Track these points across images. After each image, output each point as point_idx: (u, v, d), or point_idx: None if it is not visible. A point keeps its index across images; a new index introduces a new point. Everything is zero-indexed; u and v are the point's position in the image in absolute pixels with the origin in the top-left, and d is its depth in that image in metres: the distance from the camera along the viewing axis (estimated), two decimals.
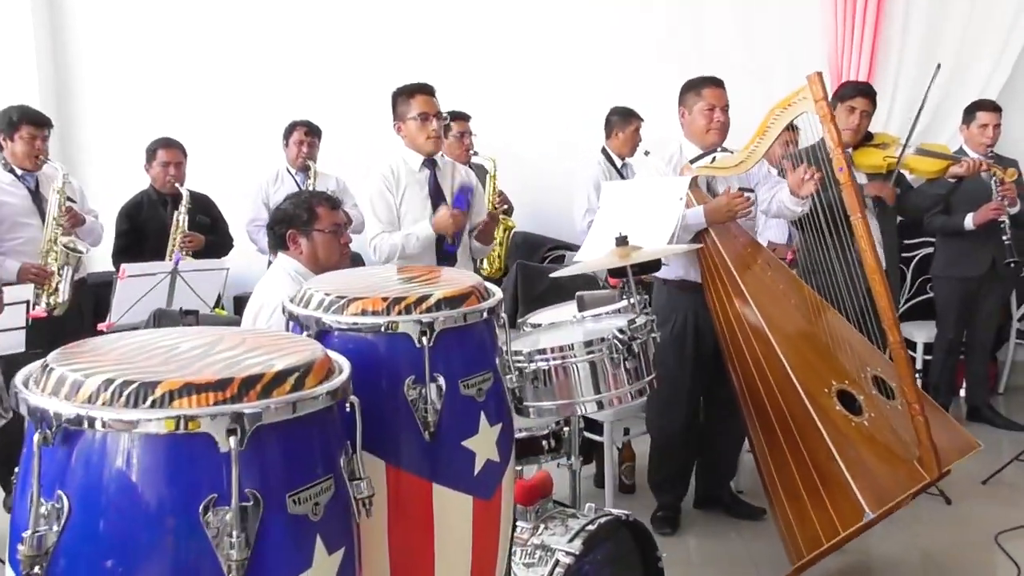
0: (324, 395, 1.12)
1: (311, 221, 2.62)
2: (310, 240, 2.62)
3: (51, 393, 1.04)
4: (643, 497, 3.63)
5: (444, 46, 5.34)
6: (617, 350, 2.24)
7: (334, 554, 1.14)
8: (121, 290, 3.41)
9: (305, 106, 5.12)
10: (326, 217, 2.63)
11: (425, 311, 1.44)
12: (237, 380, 1.05)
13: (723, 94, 3.22)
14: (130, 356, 1.13)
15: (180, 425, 1.00)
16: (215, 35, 5.60)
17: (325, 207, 2.66)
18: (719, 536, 3.36)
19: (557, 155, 5.12)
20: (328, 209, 2.66)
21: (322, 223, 2.62)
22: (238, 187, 4.96)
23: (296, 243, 2.62)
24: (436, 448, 1.44)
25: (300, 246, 2.62)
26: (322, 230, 2.61)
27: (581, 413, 2.42)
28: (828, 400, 2.61)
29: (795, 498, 2.58)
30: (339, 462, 1.19)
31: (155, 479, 1.02)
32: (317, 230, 2.61)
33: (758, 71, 5.01)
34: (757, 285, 2.92)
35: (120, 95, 5.68)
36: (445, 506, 1.47)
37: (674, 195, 2.87)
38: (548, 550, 2.01)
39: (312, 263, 2.63)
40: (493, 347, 1.58)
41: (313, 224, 2.62)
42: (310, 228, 2.61)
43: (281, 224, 2.65)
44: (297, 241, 2.62)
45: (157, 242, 4.23)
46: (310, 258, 2.63)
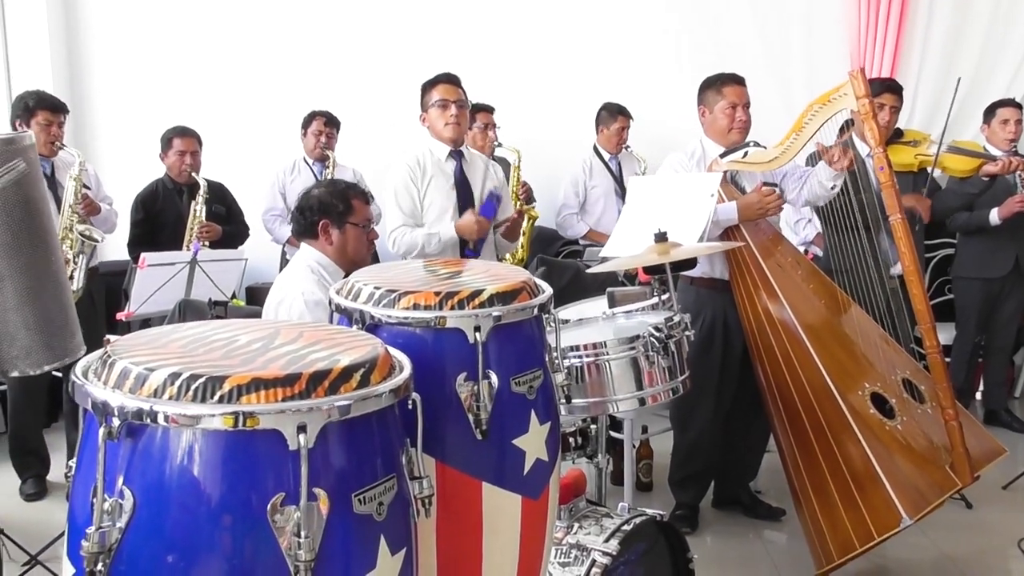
0: (388, 392, 1.09)
1: (347, 213, 2.58)
2: (343, 232, 2.58)
3: (114, 386, 1.01)
4: (661, 495, 3.61)
5: (467, 38, 5.31)
6: (653, 348, 2.22)
7: (397, 554, 1.12)
8: (140, 279, 3.38)
9: (324, 97, 5.09)
10: (360, 211, 2.60)
11: (478, 306, 1.41)
12: (305, 376, 1.02)
13: (744, 91, 3.19)
14: (191, 349, 1.10)
15: (251, 422, 0.97)
16: (232, 22, 5.56)
17: (360, 200, 2.62)
18: (738, 536, 3.34)
19: (575, 149, 5.08)
20: (363, 203, 2.63)
21: (356, 216, 2.58)
22: (253, 176, 4.94)
23: (327, 233, 2.58)
24: (487, 446, 1.41)
25: (331, 237, 2.57)
26: (356, 223, 2.58)
27: (613, 412, 2.40)
28: (862, 402, 2.58)
29: (826, 501, 2.55)
30: (401, 461, 1.16)
31: (222, 476, 0.99)
32: (351, 223, 2.58)
33: (776, 67, 4.99)
34: (787, 283, 2.88)
35: (134, 82, 5.64)
36: (494, 505, 1.44)
37: (705, 191, 2.83)
38: (584, 550, 1.99)
39: (340, 256, 2.59)
40: (543, 344, 1.55)
41: (348, 216, 2.58)
42: (344, 220, 2.57)
43: (314, 212, 2.59)
44: (329, 232, 2.57)
45: (172, 231, 4.21)
46: (339, 250, 2.59)
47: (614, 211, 4.70)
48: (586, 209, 4.88)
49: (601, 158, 4.90)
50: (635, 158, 4.96)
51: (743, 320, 3.02)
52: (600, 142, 4.92)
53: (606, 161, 4.89)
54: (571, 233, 4.87)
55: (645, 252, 2.47)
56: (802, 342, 2.77)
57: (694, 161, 3.22)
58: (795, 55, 5.11)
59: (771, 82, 4.79)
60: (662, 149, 3.97)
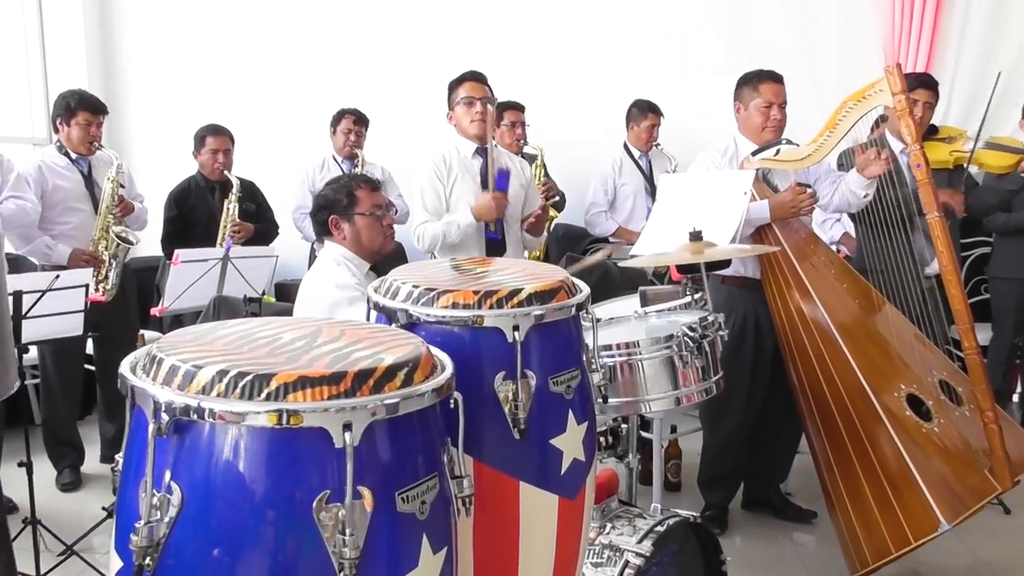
0: (431, 392, 1.10)
1: (351, 205, 2.60)
2: (352, 224, 2.60)
3: (163, 383, 1.02)
4: (689, 495, 3.59)
5: (496, 36, 5.32)
6: (687, 348, 2.21)
7: (438, 553, 1.12)
8: (174, 275, 3.42)
9: (353, 95, 5.12)
10: (366, 199, 2.61)
11: (516, 305, 1.40)
12: (350, 374, 1.03)
13: (781, 90, 3.15)
14: (236, 346, 1.11)
15: (294, 419, 0.98)
16: (263, 22, 5.61)
17: (365, 189, 2.64)
18: (767, 538, 3.31)
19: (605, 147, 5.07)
20: (368, 191, 2.64)
21: (362, 206, 2.60)
22: (284, 174, 4.98)
23: (339, 228, 2.61)
24: (525, 446, 1.41)
25: (343, 231, 2.61)
26: (363, 213, 2.59)
27: (645, 412, 2.38)
28: (898, 404, 2.55)
29: (861, 504, 2.52)
30: (442, 460, 1.16)
31: (267, 472, 1.00)
32: (358, 213, 2.60)
33: (808, 63, 4.93)
34: (820, 282, 2.86)
35: (167, 81, 5.71)
36: (531, 505, 1.43)
37: (738, 189, 2.81)
38: (617, 550, 1.98)
39: (357, 247, 2.62)
40: (580, 343, 1.55)
41: (353, 208, 2.60)
42: (351, 212, 2.60)
43: (323, 211, 2.64)
44: (339, 226, 2.61)
45: (204, 228, 4.25)
46: (354, 242, 2.61)
47: (643, 209, 4.69)
48: (615, 207, 4.87)
49: (631, 156, 4.89)
50: (665, 156, 4.93)
51: (775, 319, 2.99)
52: (630, 139, 4.90)
53: (636, 159, 4.88)
54: (599, 231, 4.86)
55: (679, 251, 2.45)
56: (835, 342, 2.74)
57: (727, 158, 3.19)
58: (827, 51, 5.05)
59: (802, 78, 4.72)
60: (692, 147, 3.96)
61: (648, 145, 4.87)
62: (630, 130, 4.88)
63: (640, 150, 4.89)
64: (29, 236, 3.65)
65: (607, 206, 4.86)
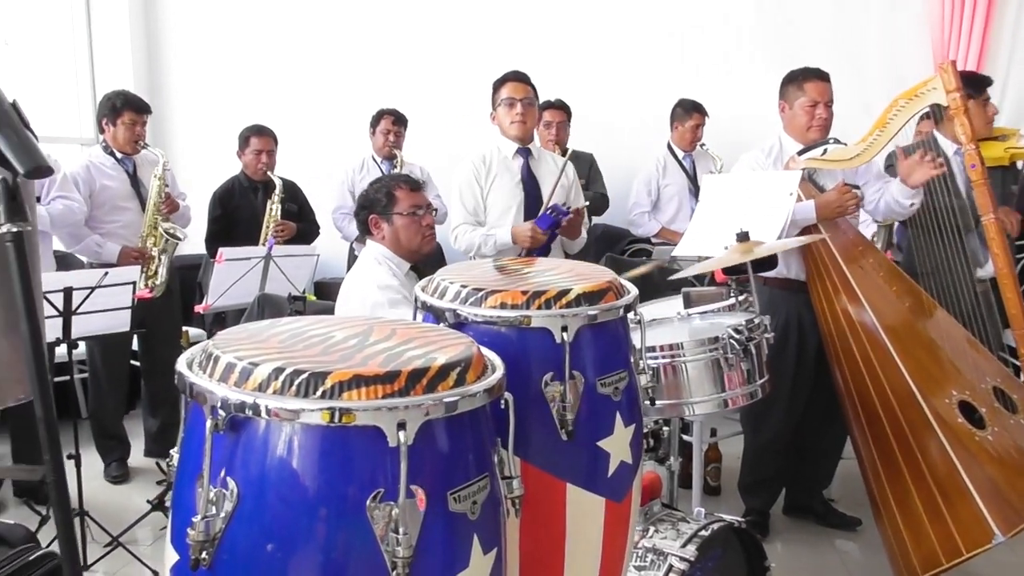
0: (482, 392, 1.09)
1: (390, 204, 2.62)
2: (391, 223, 2.62)
3: (220, 379, 1.03)
4: (729, 499, 3.55)
5: (539, 36, 5.31)
6: (733, 350, 2.18)
7: (488, 554, 1.12)
8: (218, 274, 3.46)
9: (392, 95, 5.14)
10: (405, 199, 2.63)
11: (565, 306, 1.40)
12: (404, 373, 1.03)
13: (827, 88, 3.10)
14: (290, 344, 1.12)
15: (346, 418, 0.98)
16: (304, 24, 5.66)
17: (404, 189, 2.65)
18: (810, 545, 3.26)
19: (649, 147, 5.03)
20: (407, 191, 2.65)
21: (401, 205, 2.62)
22: (324, 174, 5.02)
23: (378, 228, 2.63)
24: (572, 448, 1.40)
25: (382, 230, 2.63)
26: (401, 212, 2.61)
27: (688, 415, 2.36)
28: (949, 410, 2.49)
29: (910, 513, 2.47)
30: (493, 460, 1.16)
31: (321, 470, 1.00)
32: (396, 213, 2.62)
33: (854, 61, 4.85)
34: (868, 284, 2.80)
35: (210, 82, 5.79)
36: (578, 507, 1.43)
37: (784, 190, 2.77)
38: (661, 554, 1.96)
39: (396, 246, 2.64)
40: (628, 345, 1.53)
41: (392, 207, 2.62)
42: (390, 212, 2.62)
43: (363, 210, 2.67)
44: (379, 226, 2.63)
45: (247, 228, 4.31)
46: (393, 242, 2.63)
47: (687, 210, 4.65)
48: (658, 207, 4.83)
49: (675, 156, 4.85)
50: (709, 156, 4.88)
51: (821, 322, 2.94)
52: (674, 140, 4.86)
53: (680, 159, 4.84)
54: (642, 232, 4.83)
55: (728, 253, 2.42)
56: (884, 346, 2.69)
57: (771, 158, 3.15)
58: (874, 48, 4.96)
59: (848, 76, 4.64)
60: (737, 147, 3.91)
61: (692, 145, 4.83)
62: (674, 130, 4.84)
63: (684, 150, 4.85)
64: (79, 235, 3.72)
65: (650, 206, 4.82)
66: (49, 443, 0.99)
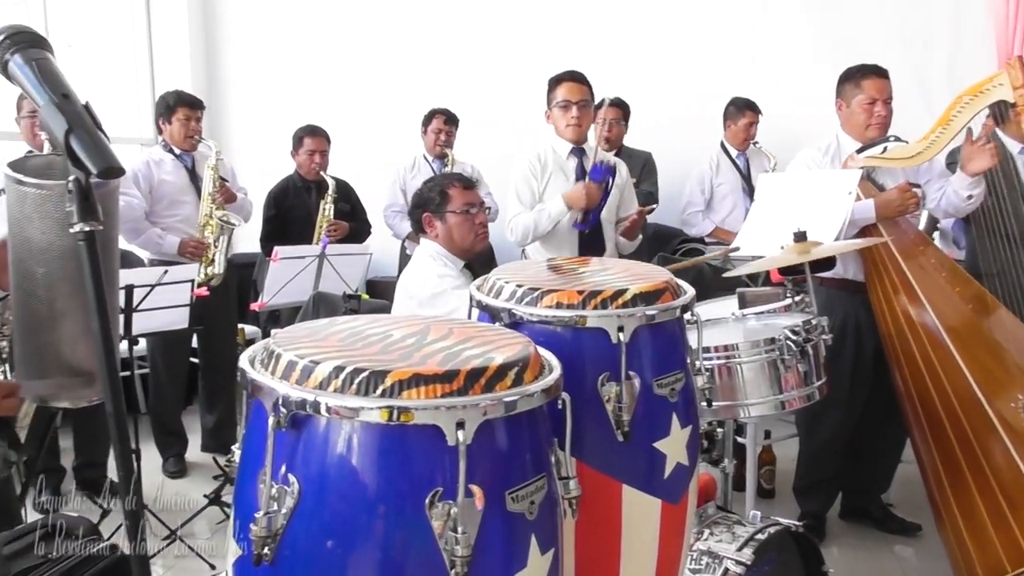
0: (540, 392, 1.09)
1: (444, 203, 2.63)
2: (444, 222, 2.63)
3: (281, 377, 1.04)
4: (784, 503, 3.49)
5: (590, 35, 5.28)
6: (790, 351, 2.15)
7: (546, 554, 1.11)
8: (273, 272, 3.52)
9: (443, 95, 5.17)
10: (458, 197, 2.63)
11: (621, 306, 1.39)
12: (463, 372, 1.03)
13: (886, 85, 3.03)
14: (349, 343, 1.13)
15: (405, 416, 0.99)
16: (356, 25, 5.73)
17: (457, 187, 2.66)
18: (868, 550, 3.19)
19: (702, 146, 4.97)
20: (461, 189, 2.66)
21: (454, 204, 2.62)
22: (376, 173, 5.07)
23: (432, 226, 2.64)
24: (628, 449, 1.39)
25: (436, 228, 2.64)
26: (455, 211, 2.61)
27: (744, 417, 2.33)
28: (1014, 414, 2.42)
29: (973, 518, 2.40)
30: (550, 460, 1.15)
31: (380, 468, 1.01)
32: (450, 211, 2.62)
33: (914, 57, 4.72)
34: (930, 285, 2.73)
35: (266, 84, 5.90)
36: (634, 509, 1.41)
37: (843, 189, 2.72)
38: (716, 557, 1.94)
39: (449, 244, 2.64)
40: (685, 346, 1.52)
41: (446, 206, 2.63)
42: (443, 210, 2.63)
43: (417, 208, 2.68)
44: (432, 224, 2.64)
45: (301, 227, 4.37)
46: (446, 240, 2.64)
47: (741, 209, 4.58)
48: (712, 207, 4.77)
49: (728, 155, 4.78)
50: (764, 154, 4.80)
51: (880, 323, 2.88)
52: (727, 138, 4.80)
53: (733, 158, 4.77)
54: (696, 231, 4.78)
55: (784, 253, 2.38)
56: (946, 347, 2.62)
57: (828, 157, 3.09)
58: (935, 43, 4.82)
59: (908, 72, 4.53)
60: (791, 145, 3.84)
61: (746, 144, 4.76)
62: (727, 128, 4.78)
63: (738, 149, 4.78)
64: (139, 229, 3.82)
65: (704, 206, 4.77)
66: (119, 440, 1.01)
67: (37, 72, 1.08)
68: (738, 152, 4.79)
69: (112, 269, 1.42)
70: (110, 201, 1.33)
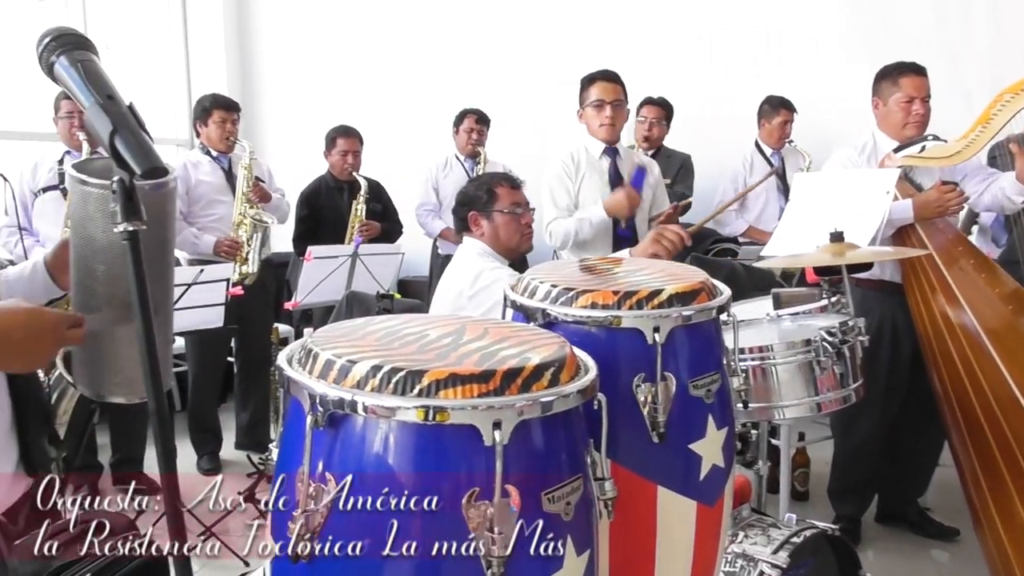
0: (576, 393, 1.09)
1: (491, 202, 2.61)
2: (491, 221, 2.61)
3: (319, 376, 1.05)
4: (818, 506, 3.46)
5: (623, 34, 5.25)
6: (826, 353, 2.12)
7: (582, 555, 1.11)
8: (307, 271, 3.55)
9: (475, 95, 5.18)
10: (505, 197, 2.62)
11: (657, 306, 1.38)
12: (499, 373, 1.03)
13: (924, 83, 2.98)
14: (386, 343, 1.13)
15: (440, 416, 0.99)
16: (389, 28, 5.77)
17: (505, 187, 2.64)
18: (905, 555, 3.15)
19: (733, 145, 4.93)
20: (508, 189, 2.64)
21: (501, 203, 2.60)
22: (408, 172, 5.09)
23: (478, 225, 2.62)
24: (663, 450, 1.38)
25: (481, 227, 2.62)
26: (501, 210, 2.60)
27: (778, 419, 2.31)
28: None
29: (1013, 524, 2.35)
30: (586, 461, 1.15)
31: (418, 468, 1.01)
32: (497, 210, 2.61)
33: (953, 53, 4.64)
34: (970, 287, 2.69)
35: (299, 85, 5.96)
36: (669, 511, 1.40)
37: (880, 188, 2.68)
38: (751, 560, 1.92)
39: (495, 243, 2.62)
40: (721, 346, 1.50)
41: (493, 205, 2.61)
42: (490, 209, 2.61)
43: (463, 207, 2.66)
44: (478, 223, 2.62)
45: (333, 227, 4.41)
46: (492, 239, 2.62)
47: (775, 208, 4.53)
48: (745, 206, 4.73)
49: (762, 153, 4.74)
50: (799, 153, 4.75)
51: (917, 325, 2.84)
52: (762, 137, 4.75)
53: (768, 156, 4.72)
54: (729, 231, 4.74)
55: (819, 252, 2.35)
56: (986, 350, 2.57)
57: (864, 156, 3.05)
58: (974, 40, 4.74)
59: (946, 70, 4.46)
60: (826, 144, 3.80)
61: (780, 142, 4.71)
62: (762, 127, 4.73)
63: (772, 148, 4.73)
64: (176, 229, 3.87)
65: (737, 205, 4.73)
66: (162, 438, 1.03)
67: (82, 73, 1.09)
68: (772, 151, 4.74)
69: (168, 267, 1.44)
70: (167, 202, 1.35)
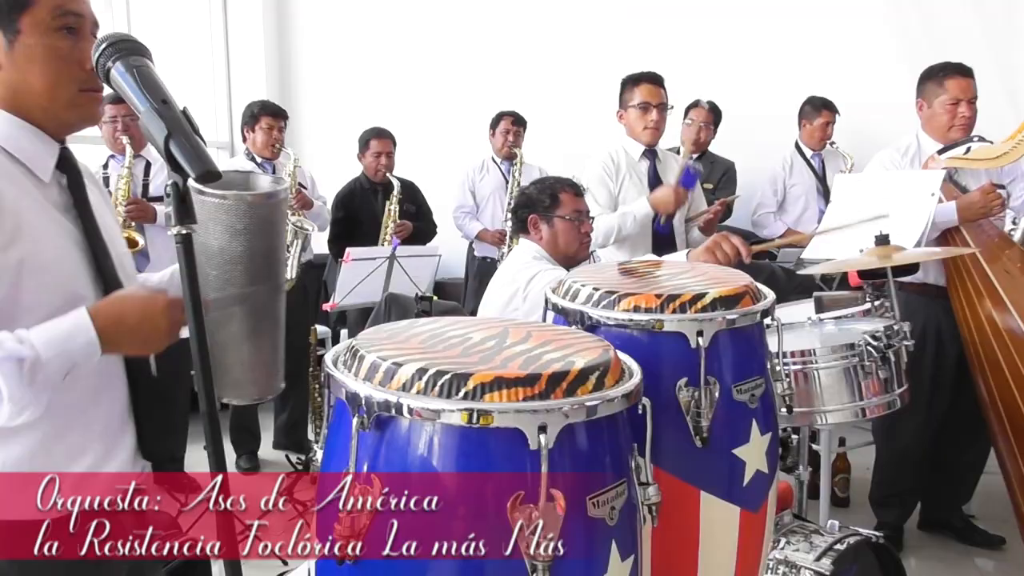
0: (621, 397, 1.08)
1: (553, 206, 2.59)
2: (551, 226, 2.59)
3: (365, 378, 1.06)
4: (859, 512, 3.40)
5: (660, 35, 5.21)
6: (870, 358, 2.09)
7: (626, 560, 1.10)
8: (344, 273, 3.57)
9: (511, 97, 5.18)
10: (568, 203, 2.60)
11: (700, 310, 1.37)
12: (544, 376, 1.03)
13: (970, 85, 2.93)
14: (430, 345, 1.14)
15: (484, 419, 0.99)
16: (424, 30, 5.79)
17: (568, 193, 2.62)
18: (949, 563, 3.09)
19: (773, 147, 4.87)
20: (572, 195, 2.62)
21: (564, 209, 2.58)
22: (444, 175, 5.11)
23: (537, 228, 2.60)
24: (707, 455, 1.37)
25: (540, 231, 2.60)
26: (563, 216, 2.58)
27: (820, 424, 2.27)
28: None
29: None
30: (630, 466, 1.14)
31: (463, 470, 1.02)
32: (558, 216, 2.58)
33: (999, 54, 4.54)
34: (1016, 290, 2.63)
35: (337, 88, 6.01)
36: (712, 516, 1.39)
37: (925, 190, 2.63)
38: (793, 567, 1.90)
39: (552, 249, 2.60)
40: (764, 351, 1.49)
41: (555, 210, 2.58)
42: (552, 213, 2.58)
43: (524, 208, 2.64)
44: (538, 226, 2.60)
45: (369, 228, 4.43)
46: (550, 244, 2.60)
47: (814, 210, 4.46)
48: (784, 208, 4.67)
49: (803, 155, 4.66)
50: (840, 155, 4.67)
51: (963, 329, 2.78)
52: (802, 138, 4.67)
53: (808, 158, 4.64)
54: (767, 233, 4.67)
55: (864, 256, 2.31)
56: None
57: (908, 158, 3.00)
58: (1021, 40, 4.63)
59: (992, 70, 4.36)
60: (868, 146, 3.74)
61: (821, 144, 4.63)
62: (802, 128, 4.65)
63: (813, 149, 4.65)
64: None
65: (775, 207, 4.66)
66: (211, 437, 1.04)
67: (138, 79, 1.11)
68: (813, 152, 4.67)
69: (278, 275, 1.44)
70: (277, 211, 1.37)
